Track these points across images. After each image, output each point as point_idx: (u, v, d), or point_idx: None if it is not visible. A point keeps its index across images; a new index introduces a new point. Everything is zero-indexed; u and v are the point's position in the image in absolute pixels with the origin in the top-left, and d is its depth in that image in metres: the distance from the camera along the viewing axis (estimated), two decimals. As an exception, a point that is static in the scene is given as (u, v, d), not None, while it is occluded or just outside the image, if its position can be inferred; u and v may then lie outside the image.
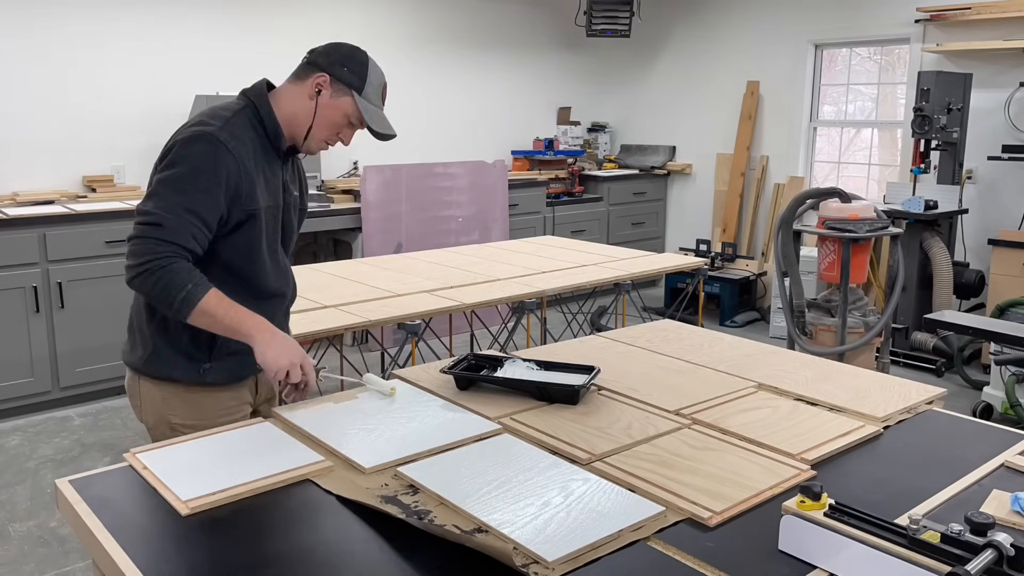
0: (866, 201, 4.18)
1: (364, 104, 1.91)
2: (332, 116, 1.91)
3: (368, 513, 1.39)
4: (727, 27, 6.78)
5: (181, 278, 1.73)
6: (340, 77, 1.90)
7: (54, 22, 4.78)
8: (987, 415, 4.22)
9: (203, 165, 1.77)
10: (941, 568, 1.10)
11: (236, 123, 1.85)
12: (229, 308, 1.77)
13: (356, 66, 1.92)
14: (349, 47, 1.96)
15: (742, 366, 2.16)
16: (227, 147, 1.79)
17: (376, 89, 1.94)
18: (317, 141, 1.95)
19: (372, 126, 1.92)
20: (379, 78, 1.95)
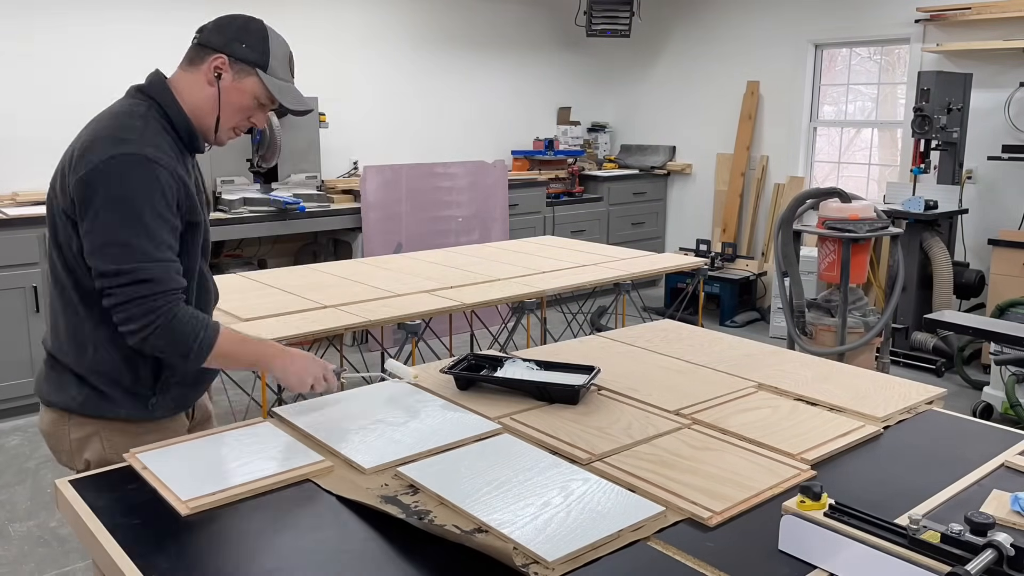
0: (866, 201, 4.18)
1: (271, 81, 1.72)
2: (239, 100, 1.72)
3: (368, 513, 1.39)
4: (727, 27, 6.78)
5: (190, 327, 1.61)
6: (239, 55, 1.70)
7: (54, 22, 4.78)
8: (987, 415, 4.22)
9: (146, 190, 1.57)
10: (941, 568, 1.10)
11: (154, 134, 1.65)
12: (241, 343, 1.72)
13: (255, 40, 1.72)
14: (243, 18, 1.76)
15: (742, 366, 2.16)
16: (164, 166, 1.61)
17: (282, 61, 1.75)
18: (226, 131, 1.76)
19: (285, 104, 1.74)
20: (283, 48, 1.76)
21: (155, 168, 1.59)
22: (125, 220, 1.56)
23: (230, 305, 3.08)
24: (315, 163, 5.51)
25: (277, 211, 5.03)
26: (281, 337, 2.73)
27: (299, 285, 3.45)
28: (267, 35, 1.75)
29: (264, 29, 1.76)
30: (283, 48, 1.77)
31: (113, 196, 1.56)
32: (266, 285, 3.46)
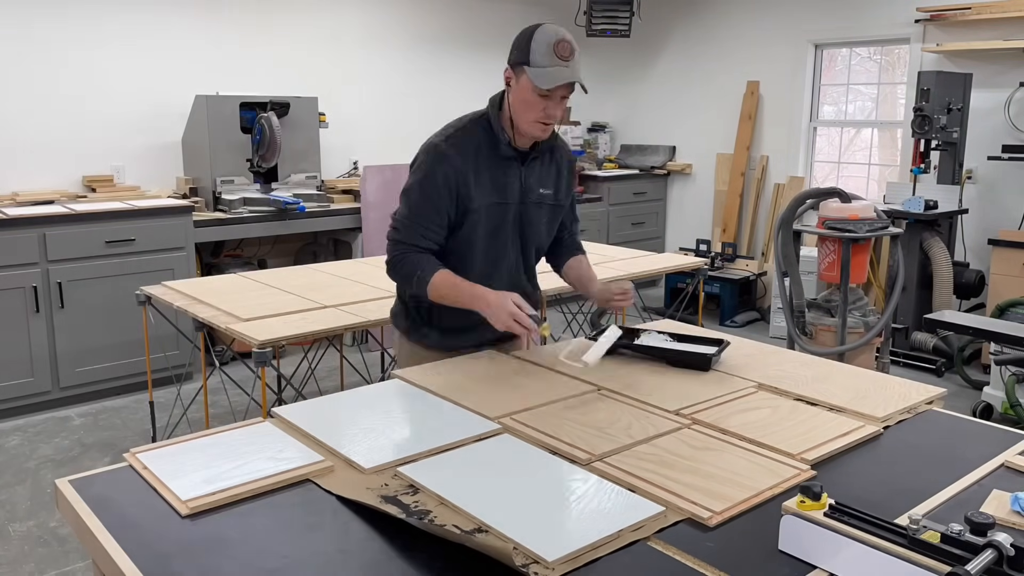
0: (866, 201, 4.18)
1: (534, 71, 2.01)
2: (522, 96, 2.06)
3: (368, 513, 1.39)
4: (727, 27, 6.78)
5: (412, 267, 2.11)
6: (512, 60, 2.07)
7: (54, 22, 4.78)
8: (987, 415, 4.22)
9: (428, 178, 2.10)
10: (941, 568, 1.10)
11: (465, 133, 2.14)
12: (454, 286, 2.09)
13: (520, 42, 2.05)
14: (526, 29, 2.08)
15: (742, 366, 2.16)
16: (447, 159, 2.09)
17: (544, 51, 2.01)
18: (527, 125, 2.10)
19: (539, 85, 2.01)
20: (547, 38, 2.02)
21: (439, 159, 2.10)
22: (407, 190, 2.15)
23: (230, 305, 3.08)
24: (315, 163, 5.51)
25: (277, 211, 5.03)
26: (281, 337, 2.73)
27: (299, 285, 3.45)
28: (532, 34, 2.05)
29: (531, 30, 2.06)
30: (548, 38, 2.03)
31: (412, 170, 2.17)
32: (266, 285, 3.46)
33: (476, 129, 2.14)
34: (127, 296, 4.24)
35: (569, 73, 2.03)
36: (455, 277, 2.10)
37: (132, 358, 4.49)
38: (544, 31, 2.03)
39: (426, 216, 2.11)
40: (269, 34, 5.59)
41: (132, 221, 4.49)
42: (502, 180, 2.15)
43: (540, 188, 2.24)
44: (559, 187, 2.29)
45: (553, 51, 2.01)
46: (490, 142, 2.14)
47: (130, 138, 5.12)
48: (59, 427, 4.16)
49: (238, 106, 5.09)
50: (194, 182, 5.12)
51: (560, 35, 2.03)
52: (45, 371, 4.29)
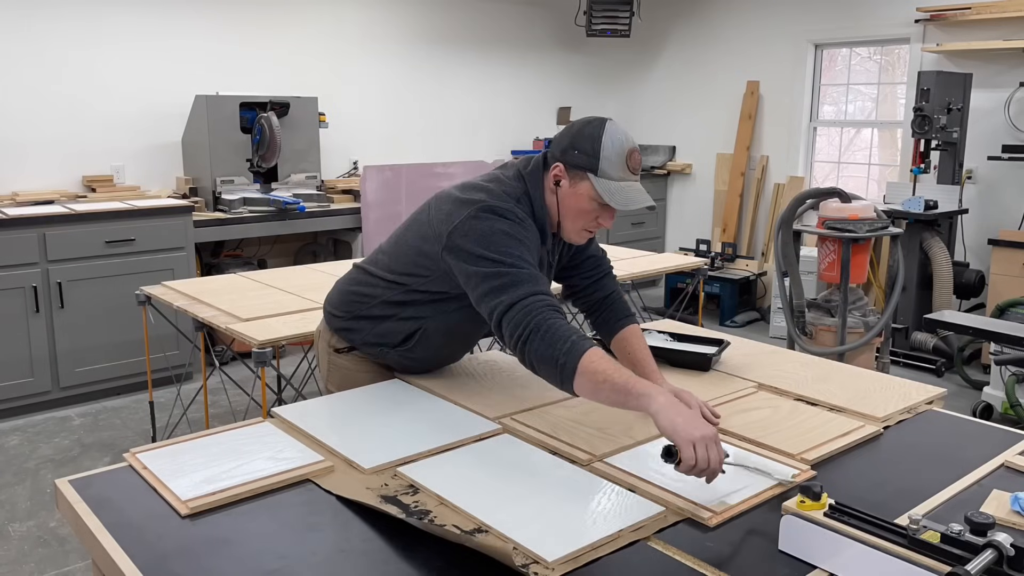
0: (866, 201, 4.18)
1: (601, 183, 1.75)
2: (576, 204, 1.79)
3: (368, 513, 1.39)
4: (727, 27, 6.78)
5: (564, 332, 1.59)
6: (573, 162, 1.77)
7: (54, 22, 4.78)
8: (987, 415, 4.22)
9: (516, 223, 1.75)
10: (941, 568, 1.10)
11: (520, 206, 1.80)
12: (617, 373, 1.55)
13: (586, 144, 1.75)
14: (581, 123, 1.79)
15: (742, 366, 2.16)
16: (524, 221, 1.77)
17: (616, 160, 1.74)
18: (574, 232, 1.85)
19: (614, 206, 1.75)
20: (617, 147, 1.74)
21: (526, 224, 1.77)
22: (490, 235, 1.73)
23: (230, 305, 3.08)
24: (315, 163, 5.51)
25: (277, 211, 5.03)
26: (281, 337, 2.72)
27: (299, 285, 3.45)
28: (601, 137, 1.75)
29: (599, 131, 1.76)
30: (618, 146, 1.75)
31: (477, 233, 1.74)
32: (266, 285, 3.46)
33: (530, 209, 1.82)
34: (127, 296, 4.24)
35: (640, 193, 1.77)
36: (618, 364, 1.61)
37: (132, 358, 4.49)
38: (614, 137, 1.75)
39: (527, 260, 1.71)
40: (269, 34, 5.59)
41: (132, 221, 4.49)
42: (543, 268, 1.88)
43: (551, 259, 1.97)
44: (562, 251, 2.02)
45: (626, 164, 1.75)
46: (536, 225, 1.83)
47: (130, 138, 5.11)
48: (59, 427, 4.16)
49: (238, 106, 5.09)
50: (194, 182, 5.12)
51: (631, 143, 1.77)
52: (45, 371, 4.29)
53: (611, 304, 2.05)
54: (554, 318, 1.61)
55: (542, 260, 1.86)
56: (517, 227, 1.74)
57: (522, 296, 1.63)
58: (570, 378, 1.55)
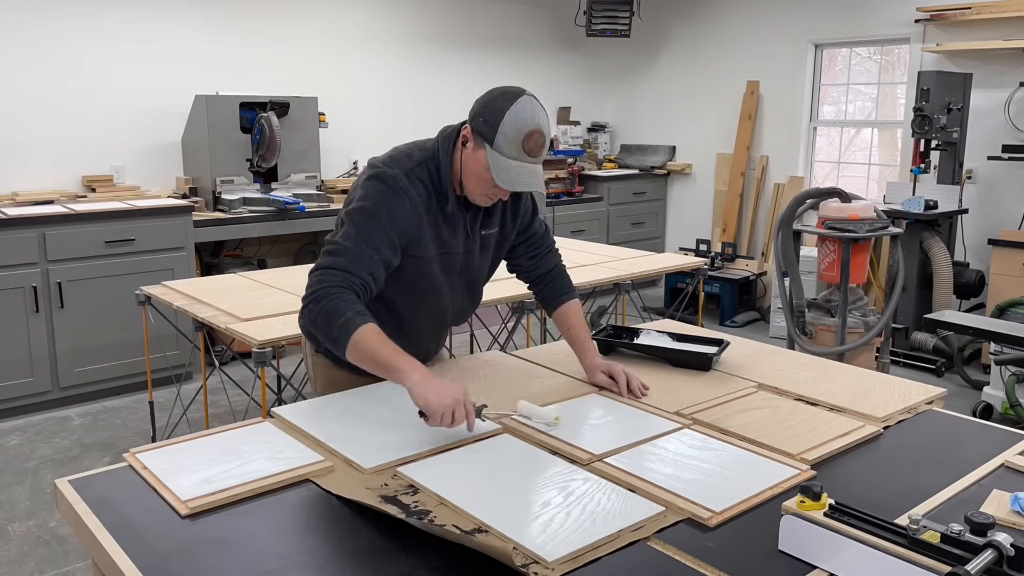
0: (866, 201, 4.18)
1: (494, 157, 1.77)
2: (475, 169, 1.83)
3: (368, 513, 1.39)
4: (727, 27, 6.78)
5: (343, 305, 1.72)
6: (477, 129, 1.81)
7: (53, 22, 4.78)
8: (987, 415, 4.22)
9: (383, 207, 1.81)
10: (941, 568, 1.10)
11: (417, 171, 1.86)
12: (383, 345, 1.71)
13: (490, 115, 1.78)
14: (498, 92, 1.81)
15: (742, 366, 2.16)
16: (406, 195, 1.83)
17: (512, 138, 1.76)
18: (476, 195, 1.88)
19: (499, 183, 1.78)
20: (518, 125, 1.76)
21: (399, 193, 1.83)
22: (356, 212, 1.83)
23: (230, 305, 3.08)
24: (315, 163, 5.51)
25: (277, 211, 5.03)
26: (281, 337, 2.72)
27: (299, 285, 3.42)
28: (504, 111, 1.77)
29: (506, 105, 1.78)
30: (519, 125, 1.76)
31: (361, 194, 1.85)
32: (266, 285, 3.46)
33: (425, 171, 1.88)
34: (127, 296, 4.24)
35: (531, 176, 1.79)
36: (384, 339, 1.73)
37: (132, 358, 4.49)
38: (519, 115, 1.76)
39: (377, 248, 1.80)
40: (269, 34, 5.59)
41: (132, 221, 4.49)
42: (448, 229, 1.92)
43: (483, 230, 2.00)
44: (504, 220, 2.05)
45: (522, 145, 1.76)
46: (438, 192, 1.89)
47: (130, 138, 5.11)
48: (59, 427, 4.16)
49: (238, 106, 5.09)
50: (194, 182, 5.12)
51: (535, 124, 1.77)
52: (45, 371, 4.29)
53: (552, 279, 2.15)
54: (340, 294, 1.74)
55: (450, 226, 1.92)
56: (388, 200, 1.82)
57: (326, 265, 1.78)
58: (342, 349, 1.73)
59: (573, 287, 2.17)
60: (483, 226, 2.00)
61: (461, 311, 2.10)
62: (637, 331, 2.33)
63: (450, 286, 2.00)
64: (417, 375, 1.66)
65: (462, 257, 1.98)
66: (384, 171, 1.84)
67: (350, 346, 1.71)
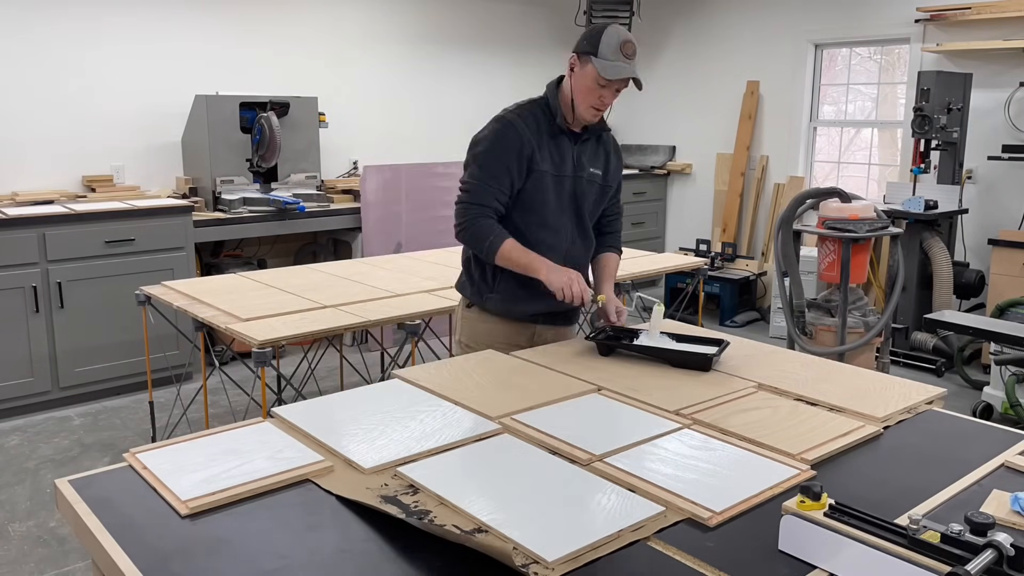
0: (866, 201, 4.18)
1: (599, 63, 2.23)
2: (583, 83, 2.28)
3: (368, 513, 1.39)
4: (727, 27, 6.78)
5: (484, 232, 2.30)
6: (580, 50, 2.29)
7: (53, 22, 4.78)
8: (987, 415, 4.22)
9: (498, 142, 2.31)
10: (941, 568, 1.10)
11: (527, 109, 2.37)
12: (522, 253, 2.29)
13: (591, 35, 2.26)
14: (596, 25, 2.30)
15: (742, 366, 2.16)
16: (515, 127, 2.31)
17: (612, 47, 2.23)
18: (583, 108, 2.32)
19: (605, 75, 2.23)
20: (614, 38, 2.23)
21: (509, 129, 2.32)
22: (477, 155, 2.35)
23: (229, 305, 3.08)
24: (315, 163, 5.51)
25: (277, 211, 5.03)
26: (281, 337, 2.73)
27: (299, 285, 3.45)
28: (603, 31, 2.26)
29: (603, 27, 2.27)
30: (615, 37, 2.25)
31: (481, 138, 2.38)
32: (266, 285, 3.46)
33: (536, 108, 2.37)
34: (127, 296, 4.24)
35: (631, 70, 2.27)
36: (523, 248, 2.29)
37: (132, 358, 4.49)
38: (615, 29, 2.25)
39: (497, 178, 2.30)
40: (269, 34, 5.59)
41: (132, 221, 4.49)
42: (558, 154, 2.36)
43: (591, 167, 2.42)
44: (607, 169, 2.48)
45: (620, 48, 2.24)
46: (548, 120, 2.35)
47: (130, 138, 5.11)
48: (59, 427, 4.16)
49: (238, 106, 5.09)
50: (194, 182, 5.12)
51: (628, 36, 2.26)
52: (45, 371, 4.29)
53: (605, 238, 2.59)
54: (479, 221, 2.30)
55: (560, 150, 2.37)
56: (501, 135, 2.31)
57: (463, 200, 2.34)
58: (492, 259, 2.32)
59: (617, 246, 2.60)
60: (590, 163, 2.43)
61: (573, 246, 2.44)
62: (637, 332, 2.33)
63: (561, 211, 2.38)
64: (545, 267, 2.27)
65: (571, 181, 2.39)
66: (499, 115, 2.36)
67: (497, 258, 2.29)
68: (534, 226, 2.36)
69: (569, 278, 2.24)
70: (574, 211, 2.42)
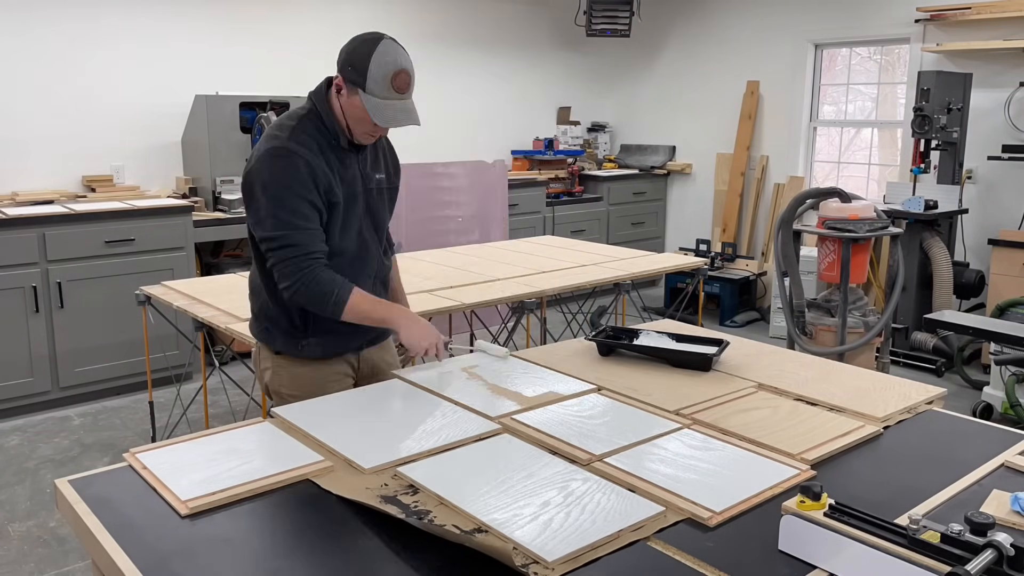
0: (866, 201, 4.18)
1: (368, 100, 1.94)
2: (354, 113, 1.99)
3: (368, 513, 1.39)
4: (727, 27, 6.78)
5: (325, 286, 1.95)
6: (347, 77, 1.96)
7: (53, 22, 4.77)
8: (987, 415, 4.22)
9: (292, 178, 1.94)
10: (941, 568, 1.10)
11: (301, 131, 2.00)
12: (374, 305, 2.03)
13: (356, 59, 1.94)
14: (359, 40, 1.96)
15: (742, 366, 2.16)
16: (301, 156, 1.95)
17: (381, 81, 1.92)
18: (359, 134, 2.04)
19: (377, 122, 1.95)
20: (384, 69, 1.92)
21: (293, 158, 1.95)
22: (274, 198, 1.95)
23: (229, 304, 3.08)
24: (315, 163, 5.50)
25: (277, 211, 5.02)
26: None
27: (299, 285, 3.44)
28: (369, 56, 1.93)
29: (369, 50, 1.94)
30: (385, 68, 1.93)
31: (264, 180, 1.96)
32: (266, 285, 3.46)
33: (310, 126, 2.02)
34: (127, 296, 4.24)
35: (403, 113, 1.98)
36: (369, 296, 2.03)
37: (132, 358, 4.49)
38: (382, 57, 1.92)
39: (308, 218, 1.96)
40: (269, 34, 5.59)
41: (132, 221, 4.49)
42: (346, 172, 2.07)
43: (375, 174, 2.16)
44: (388, 171, 2.23)
45: (390, 83, 1.93)
46: (326, 136, 2.03)
47: (130, 138, 5.11)
48: (59, 427, 4.16)
49: (238, 106, 5.08)
50: (194, 182, 5.12)
51: (399, 64, 1.94)
52: (45, 371, 4.29)
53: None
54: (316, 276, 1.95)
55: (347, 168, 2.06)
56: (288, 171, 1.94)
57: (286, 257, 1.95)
58: (340, 316, 1.97)
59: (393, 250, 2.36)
60: (375, 170, 2.16)
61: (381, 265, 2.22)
62: (637, 332, 2.33)
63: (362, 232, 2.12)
64: (405, 321, 2.04)
65: (363, 196, 2.11)
66: (274, 146, 1.97)
67: (346, 313, 1.97)
68: (345, 261, 2.07)
69: (431, 339, 2.03)
70: (373, 227, 2.16)
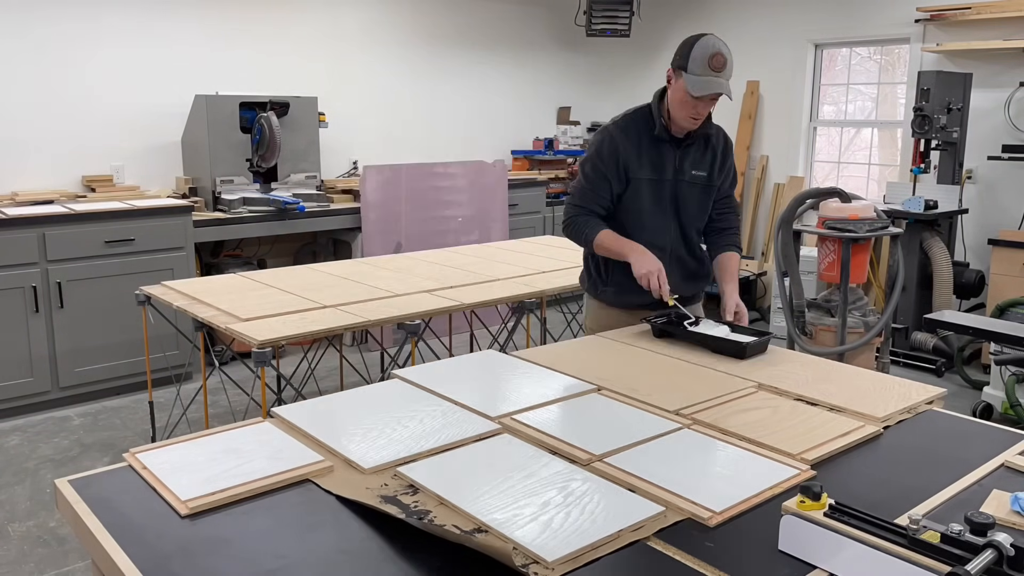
0: (866, 201, 4.18)
1: (689, 78, 2.33)
2: (677, 96, 2.40)
3: (368, 513, 1.39)
4: (727, 27, 6.77)
5: (582, 226, 2.57)
6: (674, 63, 2.40)
7: (53, 22, 4.78)
8: (987, 415, 4.22)
9: (598, 152, 2.55)
10: (941, 568, 1.10)
11: (630, 119, 2.55)
12: (614, 241, 2.52)
13: (682, 48, 2.37)
14: (689, 38, 2.37)
15: (742, 366, 2.16)
16: (613, 138, 2.52)
17: (700, 61, 2.31)
18: (680, 118, 2.44)
19: (690, 91, 2.33)
20: (703, 51, 2.31)
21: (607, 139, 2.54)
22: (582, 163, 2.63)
23: (229, 304, 3.08)
24: (315, 163, 5.51)
25: (277, 211, 5.03)
26: (280, 337, 2.73)
27: (298, 285, 3.45)
28: (693, 43, 2.35)
29: (694, 39, 2.36)
30: (703, 51, 2.32)
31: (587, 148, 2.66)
32: (265, 285, 3.46)
33: (639, 117, 2.53)
34: (127, 296, 4.24)
35: (717, 84, 2.33)
36: (617, 235, 2.52)
37: (132, 358, 4.49)
38: (704, 43, 2.33)
39: (596, 184, 2.54)
40: (269, 34, 5.59)
41: (132, 221, 4.49)
42: (658, 160, 2.52)
43: (693, 170, 2.55)
44: (712, 170, 2.59)
45: (707, 63, 2.31)
46: (649, 128, 2.51)
47: (130, 138, 5.11)
48: (59, 427, 4.16)
49: (238, 106, 5.09)
50: (194, 182, 5.12)
51: (716, 48, 2.32)
52: (45, 371, 4.29)
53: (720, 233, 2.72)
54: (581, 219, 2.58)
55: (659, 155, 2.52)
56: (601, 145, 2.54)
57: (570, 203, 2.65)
58: (590, 248, 2.61)
59: (734, 243, 2.71)
60: (693, 166, 2.55)
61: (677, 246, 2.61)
62: (697, 320, 2.49)
63: (662, 214, 2.56)
64: (635, 253, 2.47)
65: (671, 184, 2.54)
66: (604, 126, 2.59)
67: (595, 246, 2.56)
68: (635, 228, 2.56)
69: (650, 269, 2.41)
70: (674, 213, 2.58)
